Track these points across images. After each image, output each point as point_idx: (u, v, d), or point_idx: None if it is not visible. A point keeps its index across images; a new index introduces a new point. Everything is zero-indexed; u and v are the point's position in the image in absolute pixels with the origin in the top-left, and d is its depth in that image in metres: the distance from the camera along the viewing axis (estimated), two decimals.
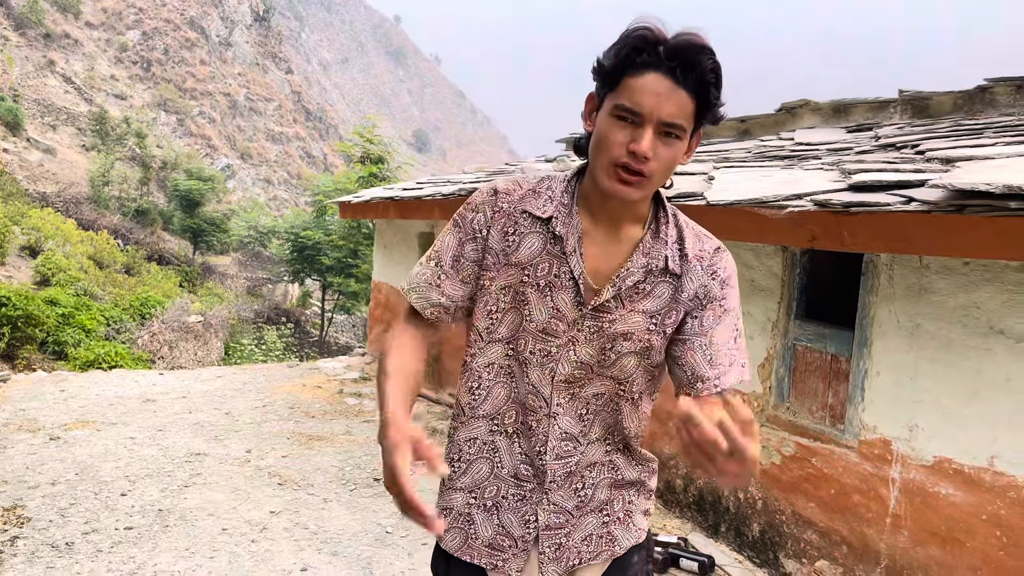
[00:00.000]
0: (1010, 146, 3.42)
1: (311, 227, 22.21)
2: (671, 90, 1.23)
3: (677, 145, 1.27)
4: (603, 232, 1.40)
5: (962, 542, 2.95)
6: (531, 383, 1.41)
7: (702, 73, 1.23)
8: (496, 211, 1.43)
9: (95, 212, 29.69)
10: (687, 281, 1.40)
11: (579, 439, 1.44)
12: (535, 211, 1.41)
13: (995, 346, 2.88)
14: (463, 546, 1.50)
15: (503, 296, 1.42)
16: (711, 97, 1.25)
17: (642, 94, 1.24)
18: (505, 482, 1.47)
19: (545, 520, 1.45)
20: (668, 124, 1.24)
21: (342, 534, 3.96)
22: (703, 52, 1.23)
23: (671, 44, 1.23)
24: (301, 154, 62.87)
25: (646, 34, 1.24)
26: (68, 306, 15.73)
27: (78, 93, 44.74)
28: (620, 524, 1.51)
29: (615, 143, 1.26)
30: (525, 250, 1.40)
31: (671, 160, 1.28)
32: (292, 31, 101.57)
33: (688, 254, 1.40)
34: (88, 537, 3.73)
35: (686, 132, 1.27)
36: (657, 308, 1.39)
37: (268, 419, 6.13)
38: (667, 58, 1.23)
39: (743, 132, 6.41)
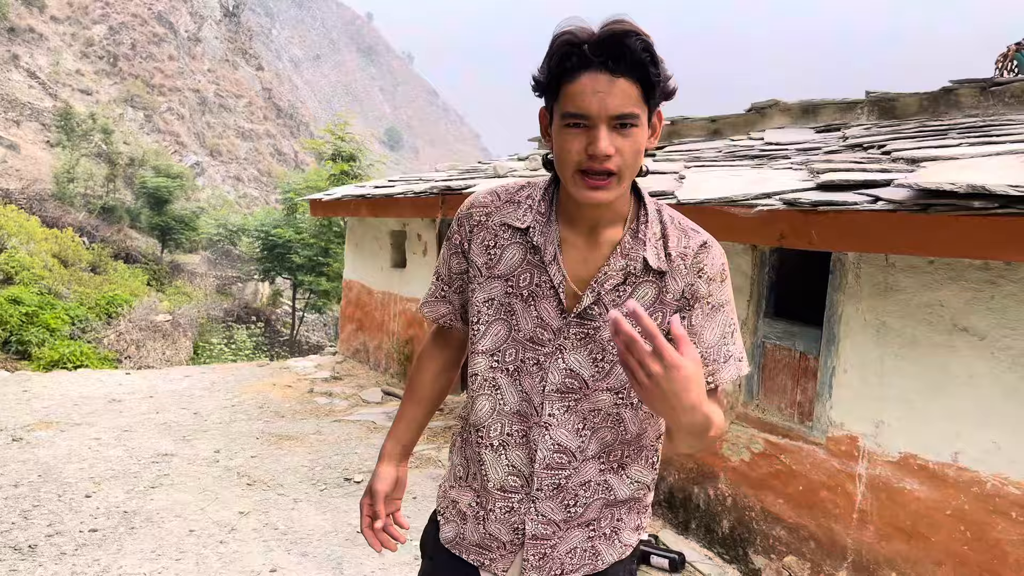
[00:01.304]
0: (974, 146, 3.47)
1: (282, 225, 22.02)
2: (610, 83, 1.21)
3: (635, 133, 1.25)
4: (583, 237, 1.39)
5: (927, 537, 2.99)
6: (524, 391, 1.41)
7: (633, 56, 1.21)
8: (474, 225, 1.45)
9: (60, 209, 29.14)
10: (671, 281, 1.37)
11: (575, 454, 1.42)
12: (513, 222, 1.41)
13: (959, 343, 2.92)
14: (453, 541, 1.53)
15: (485, 308, 1.44)
16: (652, 76, 1.23)
17: (583, 96, 1.22)
18: (491, 495, 1.47)
19: (532, 530, 1.45)
20: (618, 116, 1.22)
21: (312, 534, 3.93)
22: (628, 36, 1.21)
23: (595, 39, 1.22)
24: (272, 151, 62.30)
25: (569, 38, 1.23)
26: (32, 305, 15.45)
27: (43, 88, 43.92)
28: (605, 540, 1.50)
29: (573, 151, 1.26)
30: (506, 262, 1.41)
31: (634, 150, 1.26)
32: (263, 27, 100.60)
33: (672, 251, 1.38)
34: (51, 539, 3.66)
35: (640, 117, 1.24)
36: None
37: (237, 419, 6.06)
38: (595, 54, 1.21)
39: (714, 132, 6.45)
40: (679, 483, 4.21)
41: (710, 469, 4.03)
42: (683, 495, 4.18)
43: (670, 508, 4.26)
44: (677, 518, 4.21)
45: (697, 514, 4.09)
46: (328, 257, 19.88)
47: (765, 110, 6.09)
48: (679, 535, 4.13)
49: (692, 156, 5.17)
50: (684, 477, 4.18)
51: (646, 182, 4.13)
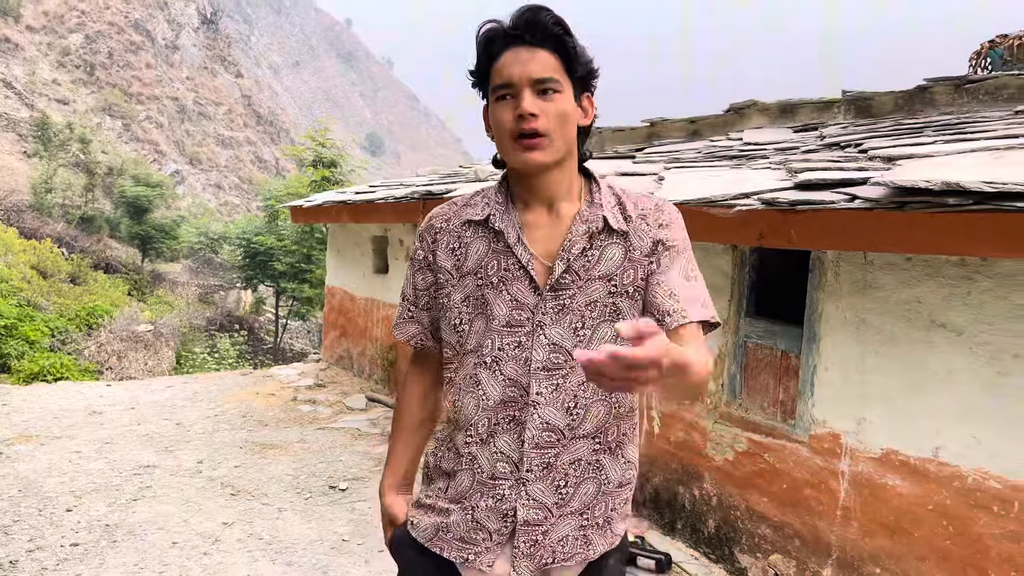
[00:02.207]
0: (949, 144, 3.50)
1: (263, 232, 21.92)
2: (529, 53, 1.36)
3: (558, 98, 1.37)
4: (543, 217, 1.46)
5: (910, 532, 3.01)
6: (507, 378, 1.43)
7: (547, 28, 1.36)
8: (436, 233, 1.53)
9: (38, 220, 28.84)
10: (635, 238, 1.45)
11: (564, 432, 1.44)
12: (473, 217, 1.49)
13: (937, 339, 2.95)
14: (434, 537, 1.51)
15: (464, 308, 1.48)
16: (568, 46, 1.37)
17: (506, 68, 1.37)
18: (485, 486, 1.47)
19: (524, 515, 1.45)
20: (539, 80, 1.35)
21: (297, 543, 3.90)
22: (540, 12, 1.36)
23: (511, 21, 1.37)
24: (252, 159, 61.95)
25: (492, 25, 1.39)
26: (10, 317, 15.27)
27: (19, 98, 43.47)
28: (598, 529, 1.51)
29: (504, 120, 1.38)
30: (473, 256, 1.47)
31: (560, 113, 1.37)
32: (241, 34, 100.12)
33: (631, 214, 1.46)
34: (32, 555, 3.61)
35: (561, 84, 1.37)
36: (612, 270, 1.43)
37: (220, 429, 6.02)
38: (513, 31, 1.37)
39: (693, 133, 6.48)
40: (664, 483, 4.22)
41: (695, 469, 4.04)
42: (668, 495, 4.19)
43: (656, 509, 4.27)
44: (663, 519, 4.21)
45: (683, 514, 4.09)
46: (311, 264, 19.81)
47: (743, 110, 6.12)
48: (665, 536, 4.13)
49: (672, 157, 5.19)
50: (669, 477, 4.19)
51: (626, 183, 4.13)
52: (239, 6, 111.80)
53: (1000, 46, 5.81)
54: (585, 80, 1.42)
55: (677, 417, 4.17)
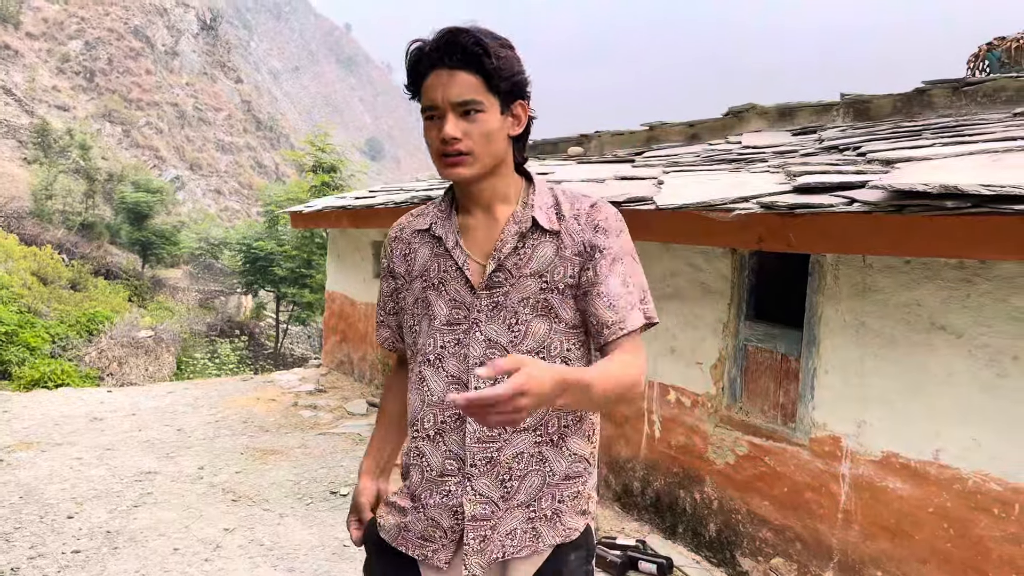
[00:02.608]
0: (947, 147, 3.51)
1: (263, 238, 21.92)
2: (450, 75, 1.39)
3: (480, 118, 1.41)
4: (482, 221, 1.54)
5: (911, 535, 3.01)
6: (450, 375, 1.51)
7: (465, 49, 1.38)
8: (393, 242, 1.66)
9: (38, 227, 28.84)
10: (567, 237, 1.50)
11: (505, 426, 1.48)
12: (420, 226, 1.61)
13: (937, 342, 2.95)
14: (398, 536, 1.58)
15: (415, 309, 1.59)
16: (488, 66, 1.39)
17: (430, 90, 1.42)
18: (434, 483, 1.53)
19: (471, 511, 1.49)
20: (460, 103, 1.40)
21: (299, 549, 3.90)
22: (459, 34, 1.39)
23: (432, 43, 1.41)
24: (252, 164, 61.98)
25: (418, 46, 1.44)
26: (11, 324, 15.27)
27: (18, 105, 43.52)
28: (546, 522, 1.54)
29: (431, 139, 1.45)
30: (419, 261, 1.58)
31: (484, 132, 1.42)
32: (241, 40, 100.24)
33: (565, 214, 1.52)
34: (34, 562, 3.61)
35: (484, 104, 1.41)
36: (543, 267, 1.49)
37: (221, 434, 6.02)
38: (435, 53, 1.40)
39: (692, 136, 6.49)
40: (665, 487, 4.22)
41: (696, 473, 4.04)
42: (669, 499, 4.19)
43: (657, 513, 4.27)
44: (664, 523, 4.21)
45: (684, 518, 4.09)
46: (311, 269, 19.80)
47: (742, 114, 6.13)
48: (666, 540, 4.13)
49: (671, 161, 5.19)
50: (670, 481, 4.19)
51: (625, 187, 4.13)
52: (238, 12, 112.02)
53: (998, 48, 5.82)
54: (513, 92, 1.45)
55: (678, 421, 4.17)
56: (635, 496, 4.43)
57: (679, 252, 4.14)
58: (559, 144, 7.81)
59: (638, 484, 4.41)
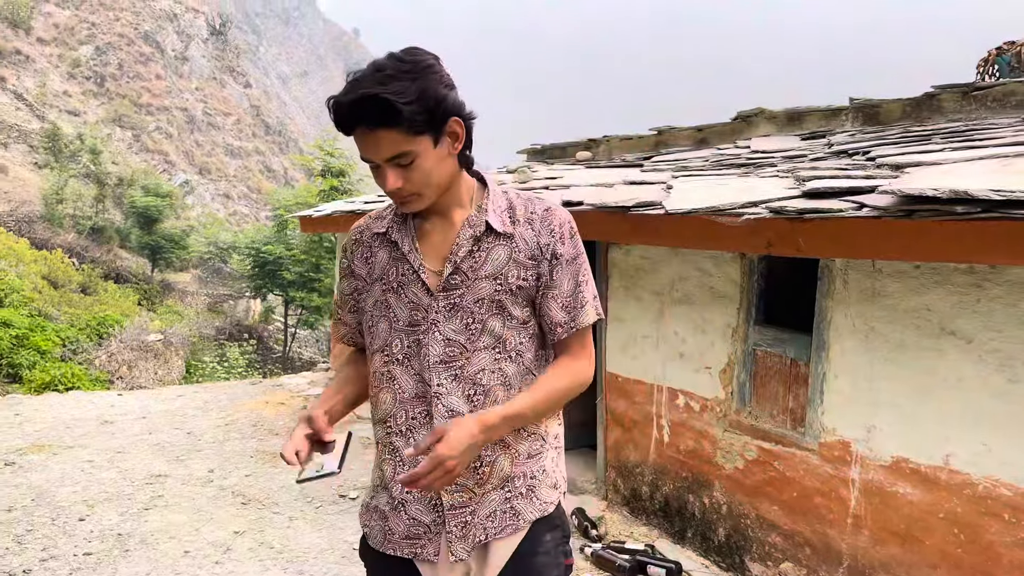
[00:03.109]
0: (956, 151, 3.51)
1: (272, 242, 22.00)
2: (370, 135, 1.41)
3: (417, 163, 1.44)
4: (438, 225, 1.59)
5: (921, 540, 3.01)
6: (417, 373, 1.56)
7: (373, 115, 1.38)
8: (354, 243, 1.70)
9: (49, 231, 29.02)
10: (521, 240, 1.56)
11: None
12: (378, 230, 1.65)
13: (947, 347, 2.95)
14: (385, 542, 1.62)
15: (375, 311, 1.63)
16: (403, 117, 1.37)
17: (362, 147, 1.44)
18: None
19: (449, 500, 1.55)
20: (391, 159, 1.43)
21: (308, 552, 3.92)
22: (365, 100, 1.37)
23: (343, 107, 1.40)
24: (261, 168, 62.19)
25: (334, 105, 1.42)
26: (22, 327, 15.36)
27: (30, 110, 43.80)
28: (523, 498, 1.59)
29: (380, 185, 1.49)
30: (378, 265, 1.63)
31: (422, 175, 1.46)
32: (250, 45, 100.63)
33: (519, 218, 1.58)
34: (46, 564, 3.64)
35: (414, 150, 1.42)
36: (497, 269, 1.55)
37: (231, 438, 6.04)
38: (350, 118, 1.41)
39: (700, 141, 6.49)
40: (674, 492, 4.22)
41: (705, 477, 4.04)
42: (678, 504, 4.19)
43: (666, 517, 4.27)
44: (673, 527, 4.21)
45: (693, 523, 4.09)
46: (319, 273, 19.86)
47: (751, 118, 6.13)
48: (675, 544, 4.13)
49: (679, 166, 5.20)
50: (679, 486, 4.19)
51: (634, 192, 4.13)
52: (248, 17, 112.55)
53: (1007, 53, 5.81)
54: (440, 120, 1.44)
55: (687, 426, 4.17)
56: (644, 500, 4.43)
57: (688, 257, 4.14)
58: (567, 148, 7.82)
59: (647, 488, 4.41)
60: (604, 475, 4.74)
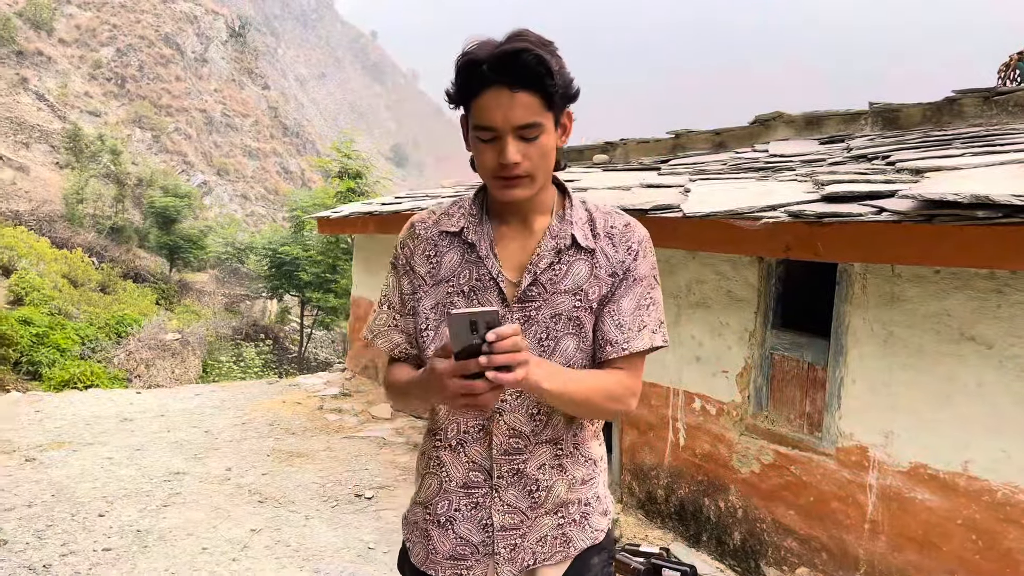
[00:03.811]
0: (977, 156, 3.49)
1: (289, 243, 22.10)
2: (510, 97, 1.31)
3: (541, 138, 1.36)
4: (516, 230, 1.50)
5: (938, 546, 2.99)
6: None
7: (528, 71, 1.30)
8: (415, 239, 1.55)
9: (69, 230, 29.36)
10: (601, 256, 1.48)
11: (530, 437, 1.47)
12: (449, 228, 1.52)
13: (966, 352, 2.93)
14: (426, 560, 1.55)
15: (432, 315, 1.51)
16: (548, 87, 1.32)
17: (488, 111, 1.33)
18: (455, 494, 1.51)
19: (500, 521, 1.49)
20: (522, 127, 1.33)
21: (324, 551, 3.94)
22: (522, 53, 1.30)
23: (491, 60, 1.31)
24: (278, 170, 62.57)
25: (471, 58, 1.33)
26: (42, 325, 15.54)
27: (51, 110, 44.30)
28: (576, 526, 1.54)
29: (487, 160, 1.38)
30: (446, 266, 1.51)
31: (541, 153, 1.37)
32: (268, 47, 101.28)
33: (599, 232, 1.49)
34: (66, 559, 3.68)
35: (543, 125, 1.35)
36: (578, 285, 1.46)
37: (248, 436, 6.09)
38: (494, 72, 1.31)
39: (718, 144, 6.48)
40: (689, 495, 4.21)
41: (720, 481, 4.03)
42: (693, 507, 4.18)
43: (681, 521, 4.26)
44: (688, 531, 4.20)
45: (708, 526, 4.08)
46: (336, 274, 19.94)
47: (769, 122, 6.12)
48: (690, 548, 4.12)
49: (697, 169, 5.20)
50: (695, 489, 4.18)
51: (651, 195, 4.13)
52: (266, 19, 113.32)
53: None
54: (565, 104, 1.40)
55: (703, 429, 4.16)
56: (659, 504, 4.42)
57: (706, 260, 4.14)
58: (584, 151, 7.83)
59: (662, 492, 4.41)
60: (619, 478, 4.74)
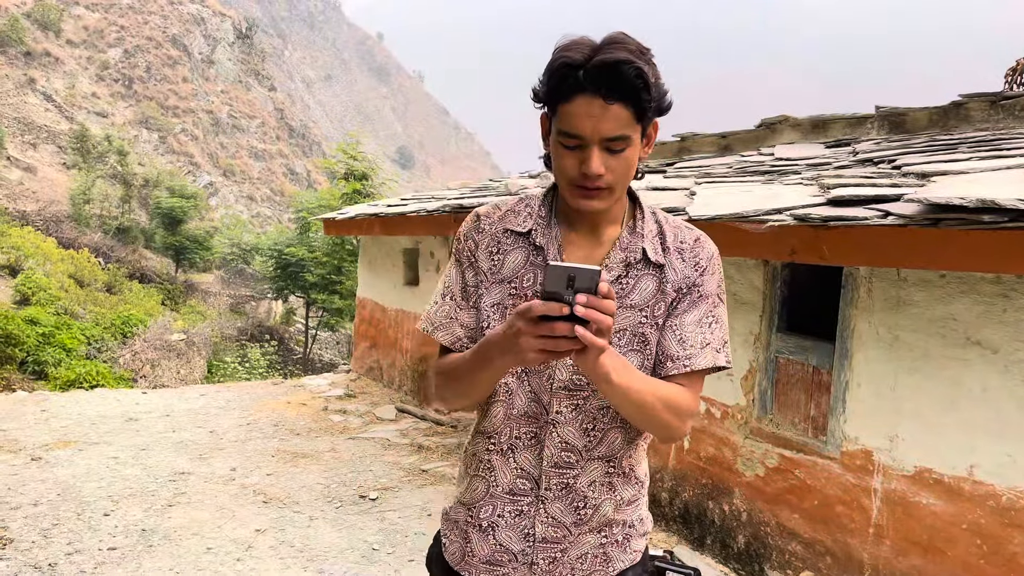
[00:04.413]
0: (984, 160, 3.49)
1: (294, 244, 22.16)
2: (603, 108, 1.26)
3: (627, 151, 1.31)
4: (584, 237, 1.44)
5: (943, 551, 2.99)
6: (532, 391, 1.42)
7: (626, 84, 1.25)
8: (480, 233, 1.49)
9: (76, 230, 29.49)
10: (670, 271, 1.42)
11: (582, 452, 1.44)
12: (516, 227, 1.46)
13: (972, 357, 2.93)
14: (461, 561, 1.51)
15: (493, 313, 1.45)
16: (643, 101, 1.27)
17: (578, 119, 1.28)
18: (501, 500, 1.47)
19: (542, 533, 1.45)
20: (610, 139, 1.28)
21: (328, 551, 3.95)
22: (622, 64, 1.24)
23: (591, 66, 1.25)
24: (284, 171, 62.75)
25: (567, 60, 1.27)
26: (48, 325, 15.61)
27: (59, 111, 44.51)
28: (618, 546, 1.51)
29: (568, 167, 1.32)
30: (510, 265, 1.45)
31: (625, 167, 1.33)
32: (275, 49, 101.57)
33: (669, 246, 1.44)
34: (71, 558, 3.69)
35: (631, 138, 1.30)
36: (644, 301, 1.41)
37: (253, 437, 6.10)
38: (590, 80, 1.25)
39: (724, 148, 6.48)
40: (694, 498, 4.21)
41: (725, 484, 4.03)
42: (698, 510, 4.18)
43: (685, 524, 4.26)
44: (692, 534, 4.20)
45: (712, 529, 4.08)
46: (341, 275, 19.98)
47: (775, 126, 6.12)
48: (694, 551, 4.12)
49: (703, 172, 5.20)
50: (699, 492, 4.18)
51: (657, 198, 4.14)
52: (273, 21, 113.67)
53: None
54: (657, 115, 1.34)
55: (707, 432, 4.16)
56: (663, 506, 4.42)
57: None
58: None
59: (666, 495, 4.40)
60: None
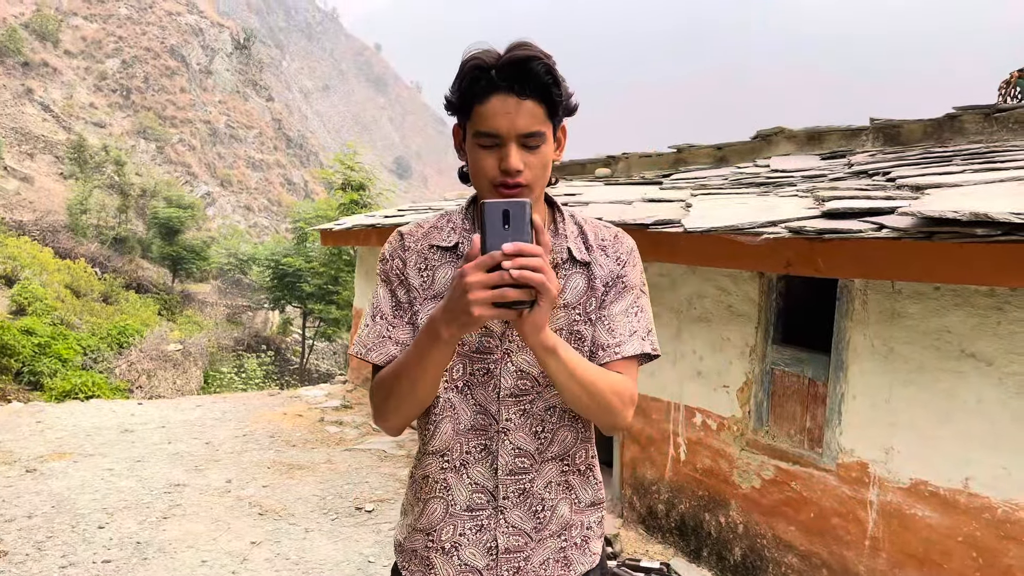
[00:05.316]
0: (977, 173, 3.50)
1: (292, 254, 22.18)
2: (517, 104, 1.32)
3: (542, 148, 1.36)
4: None
5: (939, 564, 2.98)
6: (477, 403, 1.44)
7: (537, 79, 1.31)
8: (406, 251, 1.50)
9: (72, 241, 29.46)
10: (596, 268, 1.47)
11: (535, 456, 1.46)
12: (441, 243, 1.49)
13: (967, 369, 2.93)
14: None
15: None
16: (555, 96, 1.34)
17: (493, 118, 1.32)
18: (460, 518, 1.47)
19: (505, 544, 1.46)
20: (526, 135, 1.33)
21: (324, 564, 3.94)
22: (531, 61, 1.31)
23: (502, 64, 1.31)
24: (282, 181, 62.80)
25: (478, 63, 1.33)
26: (44, 336, 15.56)
27: (56, 121, 44.54)
28: (577, 549, 1.53)
29: (487, 167, 1.36)
30: (440, 280, 1.46)
31: (542, 164, 1.37)
32: (273, 59, 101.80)
33: (592, 244, 1.49)
34: (65, 571, 3.68)
35: (545, 134, 1.35)
36: (576, 299, 1.46)
37: (248, 448, 6.08)
38: (502, 79, 1.31)
39: (720, 159, 6.50)
40: (690, 510, 4.20)
41: (721, 496, 4.02)
42: (694, 522, 4.17)
43: (681, 536, 4.25)
44: (688, 546, 4.19)
45: (708, 541, 4.07)
46: (338, 285, 19.99)
47: (770, 137, 6.14)
48: (691, 563, 4.11)
49: (698, 184, 5.21)
50: (695, 504, 4.18)
51: (653, 209, 4.15)
52: (271, 32, 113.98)
53: None
54: (565, 115, 1.41)
55: (703, 444, 4.16)
56: (660, 519, 4.42)
57: (706, 275, 4.15)
58: (586, 165, 7.86)
59: (663, 507, 4.40)
60: (620, 492, 4.73)
